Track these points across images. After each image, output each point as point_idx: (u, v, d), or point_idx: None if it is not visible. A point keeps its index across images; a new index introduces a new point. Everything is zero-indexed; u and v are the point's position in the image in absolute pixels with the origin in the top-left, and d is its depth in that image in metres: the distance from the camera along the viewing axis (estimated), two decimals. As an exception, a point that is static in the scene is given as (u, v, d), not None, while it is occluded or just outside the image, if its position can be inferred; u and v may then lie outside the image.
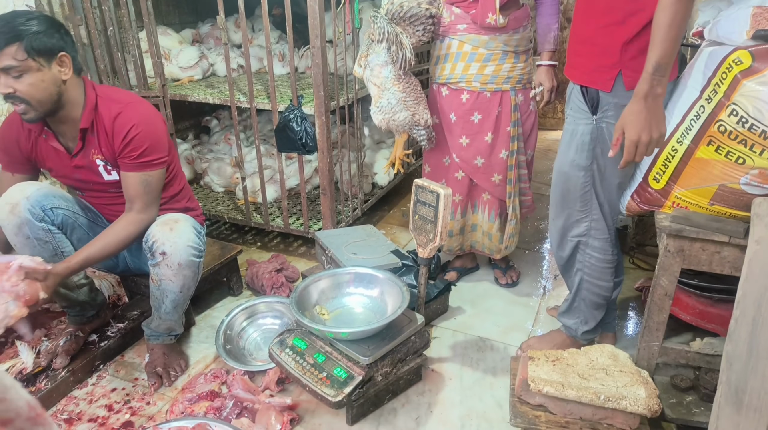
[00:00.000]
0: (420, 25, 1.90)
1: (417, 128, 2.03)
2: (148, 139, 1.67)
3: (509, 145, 2.06)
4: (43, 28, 1.50)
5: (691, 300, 1.76)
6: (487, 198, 2.18)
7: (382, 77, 1.92)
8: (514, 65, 1.98)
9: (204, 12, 3.47)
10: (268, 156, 2.99)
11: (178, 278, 1.74)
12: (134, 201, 1.72)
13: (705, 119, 1.33)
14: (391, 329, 1.69)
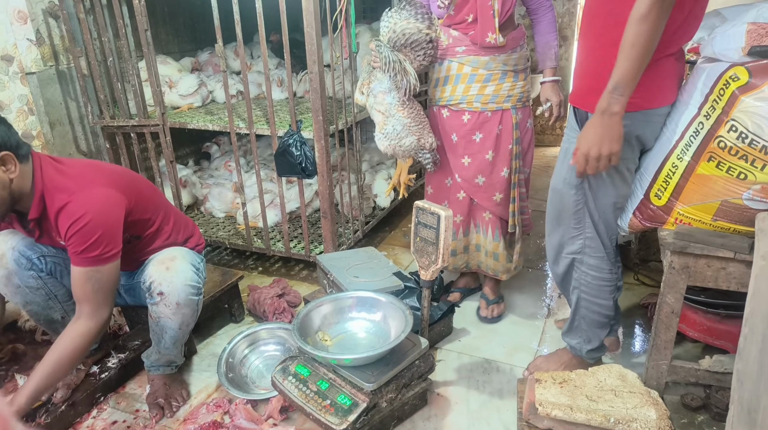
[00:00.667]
0: (420, 50, 1.91)
1: (422, 152, 2.04)
2: (97, 231, 1.49)
3: (510, 163, 2.05)
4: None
5: (698, 317, 1.74)
6: (488, 217, 2.16)
7: (386, 104, 1.92)
8: (514, 84, 1.98)
9: (203, 40, 3.52)
10: (268, 180, 2.99)
11: (176, 317, 1.72)
12: (82, 303, 1.55)
13: (704, 135, 1.33)
14: (395, 353, 1.66)
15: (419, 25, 1.88)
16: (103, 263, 1.54)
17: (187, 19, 3.45)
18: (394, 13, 1.90)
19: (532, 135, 2.16)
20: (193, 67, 3.24)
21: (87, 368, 1.90)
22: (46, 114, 2.50)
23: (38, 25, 2.42)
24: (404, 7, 1.89)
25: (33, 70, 2.43)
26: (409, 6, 1.90)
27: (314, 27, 2.10)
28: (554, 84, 2.04)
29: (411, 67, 1.88)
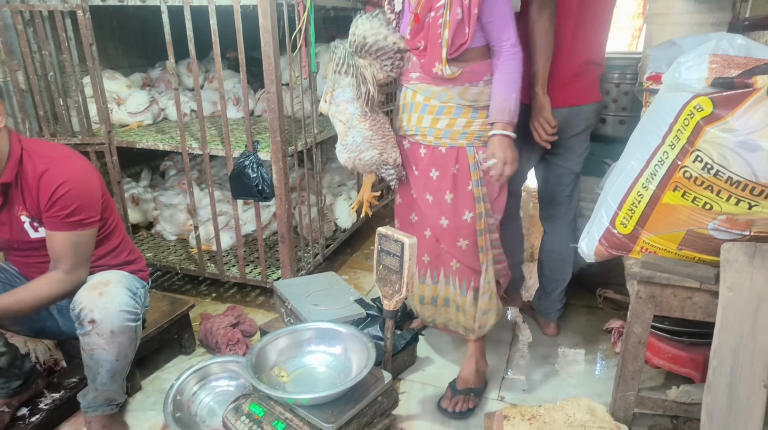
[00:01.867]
0: (387, 60, 1.75)
1: (385, 168, 1.87)
2: (78, 199, 1.54)
3: (473, 207, 1.79)
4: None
5: (662, 344, 1.73)
6: (456, 267, 1.87)
7: (348, 114, 1.78)
8: (471, 120, 1.74)
9: (155, 55, 3.37)
10: (224, 201, 2.86)
11: (112, 347, 1.57)
12: (60, 261, 1.56)
13: (669, 165, 1.32)
14: (357, 390, 1.57)
15: (387, 32, 1.74)
16: (85, 228, 1.57)
17: (138, 33, 3.30)
18: (365, 18, 1.77)
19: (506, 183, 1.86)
20: (144, 83, 3.09)
21: (13, 410, 1.72)
22: (-22, 130, 2.31)
23: (-29, 36, 2.24)
24: (377, 15, 1.78)
25: (-36, 83, 2.25)
26: (382, 15, 1.78)
27: (272, 46, 2.02)
28: (503, 139, 1.71)
29: (370, 74, 1.74)
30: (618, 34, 6.53)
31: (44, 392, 1.83)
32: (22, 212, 1.58)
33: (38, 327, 1.80)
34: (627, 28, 6.54)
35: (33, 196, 1.54)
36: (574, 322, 2.42)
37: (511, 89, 1.67)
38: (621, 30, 6.53)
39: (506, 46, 1.67)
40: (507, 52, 1.67)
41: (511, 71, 1.67)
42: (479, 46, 1.68)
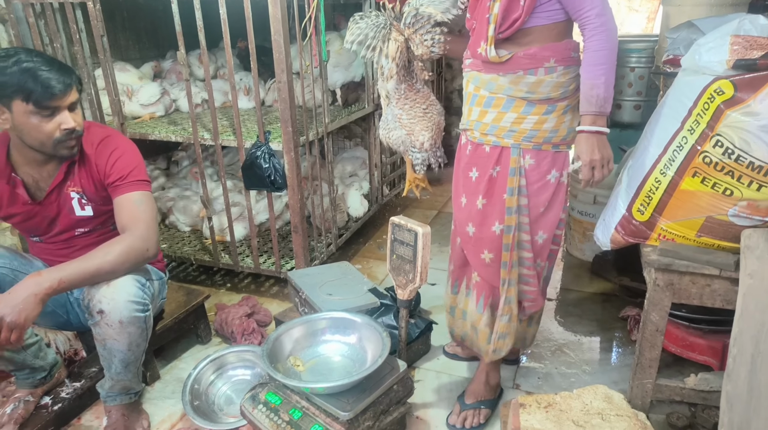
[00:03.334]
0: (427, 34, 1.55)
1: (413, 151, 1.72)
2: (135, 161, 1.66)
3: (504, 218, 1.57)
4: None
5: (680, 332, 1.71)
6: (476, 280, 1.69)
7: (387, 88, 1.67)
8: (522, 116, 1.48)
9: (165, 46, 3.37)
10: (236, 192, 2.87)
11: (122, 337, 1.58)
12: (128, 227, 1.57)
13: (688, 151, 1.29)
14: (372, 378, 1.57)
15: (425, 1, 1.54)
16: (146, 188, 1.65)
17: (149, 24, 3.30)
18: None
19: (562, 192, 1.58)
20: (155, 72, 3.09)
21: (37, 399, 1.75)
22: (-7, 124, 2.33)
23: (-16, 30, 2.25)
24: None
25: (-22, 77, 2.26)
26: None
27: (282, 35, 2.01)
28: (590, 136, 1.43)
29: (393, 49, 1.57)
30: (633, 16, 6.40)
31: (65, 381, 1.86)
32: (73, 188, 1.66)
33: (62, 320, 1.83)
34: (643, 10, 6.41)
35: (91, 166, 1.64)
36: (590, 309, 2.40)
37: (598, 72, 1.38)
38: (636, 12, 6.40)
39: (591, 18, 1.36)
40: (591, 25, 1.36)
41: (598, 49, 1.37)
42: (544, 24, 1.41)
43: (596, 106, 1.40)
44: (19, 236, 2.45)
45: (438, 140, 1.71)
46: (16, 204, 1.65)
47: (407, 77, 1.62)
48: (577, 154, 1.46)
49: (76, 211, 1.69)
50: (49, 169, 1.64)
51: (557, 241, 1.67)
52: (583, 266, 2.75)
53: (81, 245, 1.73)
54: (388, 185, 3.37)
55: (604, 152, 1.43)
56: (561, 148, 1.54)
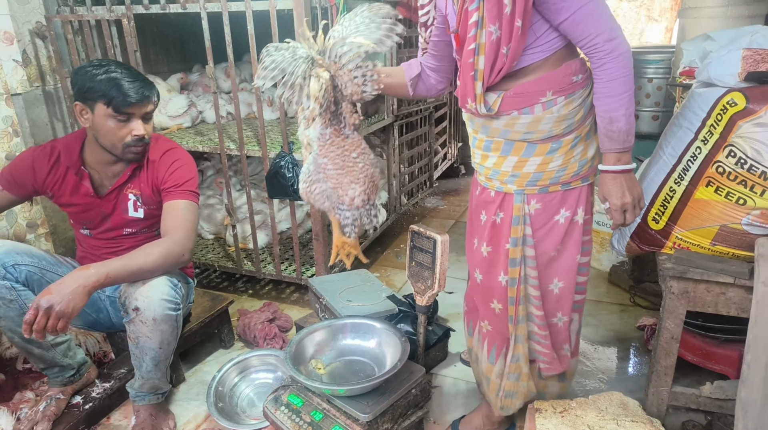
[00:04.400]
0: (357, 70, 1.24)
1: (340, 208, 1.40)
2: (191, 174, 1.80)
3: (508, 269, 1.42)
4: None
5: (696, 341, 1.72)
6: (487, 329, 1.56)
7: (308, 134, 1.37)
8: (524, 159, 1.33)
9: (192, 59, 3.49)
10: (259, 200, 2.95)
11: (155, 334, 1.66)
12: (174, 231, 1.69)
13: (702, 160, 1.32)
14: (391, 382, 1.62)
15: (362, 33, 1.26)
16: (194, 199, 1.78)
17: (177, 38, 3.43)
18: (350, 16, 1.32)
19: (573, 232, 1.39)
20: (181, 84, 3.20)
21: (67, 397, 1.83)
22: (31, 135, 2.45)
23: (25, 46, 2.38)
24: (364, 10, 1.30)
25: (19, 91, 2.38)
26: (369, 10, 1.29)
27: (306, 49, 2.08)
28: (617, 177, 1.26)
29: (317, 87, 1.24)
30: (653, 25, 6.38)
31: (96, 381, 1.93)
32: (132, 190, 1.81)
33: (92, 320, 1.91)
34: (662, 20, 6.39)
35: (153, 172, 1.79)
36: (606, 319, 2.41)
37: (616, 104, 1.19)
38: (656, 21, 6.39)
39: (599, 45, 1.16)
40: (600, 53, 1.17)
41: (612, 79, 1.18)
42: (541, 59, 1.25)
43: (619, 142, 1.23)
44: (54, 242, 2.56)
45: (372, 196, 1.41)
46: (78, 194, 1.80)
47: (333, 121, 1.33)
48: (603, 196, 1.30)
49: (129, 212, 1.82)
50: (115, 169, 1.79)
51: (582, 289, 1.49)
52: (601, 275, 2.76)
53: (126, 245, 1.84)
54: (406, 195, 3.43)
55: (634, 192, 1.26)
56: (572, 185, 1.36)
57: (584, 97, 1.27)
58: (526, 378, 1.52)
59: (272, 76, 1.23)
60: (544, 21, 1.19)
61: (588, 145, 1.32)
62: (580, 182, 1.36)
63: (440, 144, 4.06)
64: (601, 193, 1.31)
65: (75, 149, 1.76)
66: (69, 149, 1.76)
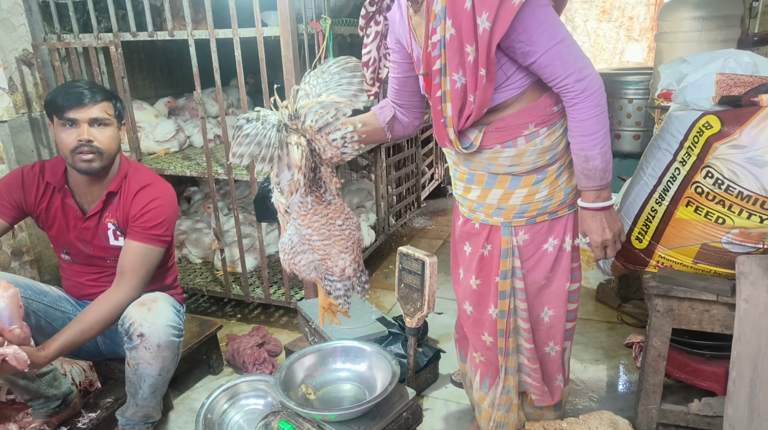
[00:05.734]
0: (336, 132, 1.16)
1: (330, 279, 1.34)
2: (165, 215, 1.75)
3: (497, 302, 1.40)
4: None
5: (683, 358, 1.73)
6: (480, 359, 1.54)
7: (287, 202, 1.28)
8: (509, 192, 1.30)
9: (179, 84, 3.52)
10: (247, 224, 2.95)
11: (157, 361, 1.65)
12: (126, 273, 1.68)
13: (681, 181, 1.36)
14: (382, 406, 1.61)
15: (335, 91, 1.19)
16: (159, 244, 1.74)
17: (164, 64, 3.45)
18: (314, 74, 1.22)
19: (562, 260, 1.38)
20: (169, 108, 3.22)
21: (52, 428, 1.79)
22: (17, 162, 2.44)
23: (11, 73, 2.38)
24: (330, 67, 1.22)
25: (5, 118, 2.38)
26: (336, 65, 1.21)
27: (293, 74, 2.11)
28: (597, 214, 1.26)
29: (298, 156, 1.14)
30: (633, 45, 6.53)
31: (81, 411, 1.90)
32: (111, 220, 1.78)
33: (77, 349, 1.88)
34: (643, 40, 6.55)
35: (127, 205, 1.75)
36: (594, 337, 2.43)
37: (590, 142, 1.18)
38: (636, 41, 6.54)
39: (569, 85, 1.15)
40: (571, 93, 1.16)
41: (584, 118, 1.17)
42: (514, 96, 1.23)
43: (596, 179, 1.21)
44: (39, 270, 2.53)
45: (360, 261, 1.35)
46: (62, 213, 1.78)
47: (313, 187, 1.23)
48: (583, 232, 1.30)
49: (110, 241, 1.80)
50: (93, 192, 1.77)
51: (572, 316, 1.48)
52: (588, 293, 2.79)
53: (109, 272, 1.81)
54: (394, 216, 3.45)
55: (614, 228, 1.26)
56: (559, 214, 1.35)
57: (566, 125, 1.26)
58: (516, 409, 1.53)
59: (249, 153, 1.12)
60: (513, 62, 1.18)
61: (573, 172, 1.31)
62: (566, 210, 1.35)
63: (427, 165, 4.10)
64: (581, 229, 1.31)
65: (60, 169, 1.76)
66: (54, 169, 1.76)
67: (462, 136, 1.28)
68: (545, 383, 1.50)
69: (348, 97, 1.17)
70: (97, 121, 1.65)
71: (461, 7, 1.10)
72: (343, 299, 1.37)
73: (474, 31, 1.10)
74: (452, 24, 1.12)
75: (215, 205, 2.50)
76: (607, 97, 1.20)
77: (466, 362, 1.63)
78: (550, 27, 1.11)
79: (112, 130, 1.69)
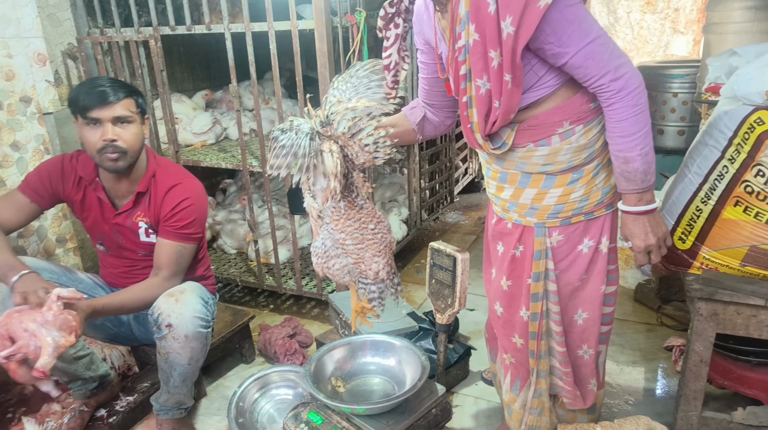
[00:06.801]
0: (368, 137, 1.16)
1: (364, 282, 1.36)
2: (195, 214, 1.77)
3: (529, 304, 1.37)
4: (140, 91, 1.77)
5: (727, 364, 1.66)
6: (510, 361, 1.51)
7: (320, 208, 1.29)
8: (543, 192, 1.26)
9: (217, 77, 3.57)
10: (281, 216, 2.98)
11: (185, 351, 1.68)
12: (162, 268, 1.75)
13: (730, 179, 1.30)
14: (411, 401, 1.60)
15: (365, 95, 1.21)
16: (191, 242, 1.78)
17: (202, 57, 3.51)
18: (341, 80, 1.25)
19: (598, 261, 1.32)
20: (206, 101, 3.27)
21: (91, 409, 1.85)
22: (62, 152, 2.52)
23: (57, 67, 2.46)
24: (357, 71, 1.25)
25: (50, 110, 2.46)
26: (363, 70, 1.22)
27: (328, 68, 2.11)
28: (639, 218, 1.20)
29: (332, 163, 1.14)
30: (678, 38, 6.30)
31: (119, 395, 1.96)
32: (142, 218, 1.80)
33: (113, 333, 1.94)
34: (688, 32, 6.30)
35: (157, 205, 1.77)
36: (632, 339, 2.36)
37: (629, 143, 1.13)
38: (682, 34, 6.30)
39: (604, 85, 1.10)
40: (608, 92, 1.11)
41: (621, 119, 1.12)
42: (546, 95, 1.19)
43: (637, 182, 1.16)
44: (81, 257, 2.62)
45: (392, 263, 1.37)
46: (98, 210, 1.82)
47: (346, 192, 1.24)
48: (625, 236, 1.24)
49: (141, 237, 1.83)
50: (122, 188, 1.79)
51: (608, 320, 1.42)
52: (626, 293, 2.71)
53: (142, 265, 1.87)
54: (426, 210, 3.42)
55: (659, 232, 1.20)
56: (596, 214, 1.28)
57: (603, 122, 1.20)
58: (548, 412, 1.49)
59: (286, 164, 1.13)
60: (544, 62, 1.13)
61: (611, 171, 1.25)
62: (604, 210, 1.29)
63: (461, 159, 4.05)
64: (622, 233, 1.26)
65: (90, 163, 1.78)
66: (86, 163, 1.79)
67: (494, 134, 1.24)
68: (577, 386, 1.45)
69: (378, 101, 1.16)
70: (121, 119, 1.65)
71: (485, 12, 1.07)
72: (377, 301, 1.38)
73: (498, 35, 1.07)
74: (475, 29, 1.09)
75: (250, 197, 2.54)
76: (651, 91, 1.15)
77: (497, 362, 1.62)
78: (581, 26, 1.06)
79: (136, 126, 1.70)
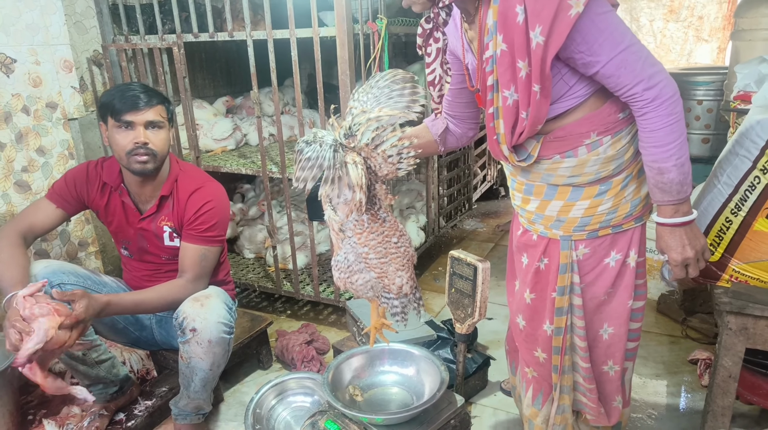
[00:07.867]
0: (392, 148, 1.13)
1: (387, 297, 1.32)
2: (218, 217, 1.80)
3: (554, 319, 1.33)
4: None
5: (756, 380, 1.61)
6: (532, 375, 1.47)
7: (341, 221, 1.26)
8: (570, 204, 1.24)
9: (238, 83, 3.60)
10: (299, 222, 2.99)
11: (208, 356, 1.69)
12: (187, 271, 1.77)
13: (762, 190, 1.26)
14: (429, 412, 1.58)
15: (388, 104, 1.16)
16: (215, 244, 1.80)
17: (223, 64, 3.54)
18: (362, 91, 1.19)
19: (625, 275, 1.29)
20: (227, 107, 3.30)
21: (110, 413, 1.87)
22: (85, 157, 2.56)
23: (82, 73, 2.50)
24: (378, 81, 1.18)
25: (75, 116, 2.51)
26: (384, 79, 1.17)
27: (349, 75, 2.11)
28: (676, 230, 1.16)
29: (356, 175, 1.10)
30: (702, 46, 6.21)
31: (138, 399, 1.97)
32: (166, 222, 1.83)
33: (134, 337, 1.96)
34: (713, 40, 6.21)
35: (180, 209, 1.80)
36: (655, 351, 2.30)
37: (664, 155, 1.09)
38: (706, 42, 6.21)
39: (637, 94, 1.07)
40: (641, 101, 1.08)
41: (655, 129, 1.08)
42: (575, 106, 1.16)
43: (672, 193, 1.12)
44: (102, 260, 2.65)
45: (414, 277, 1.33)
46: (122, 215, 1.84)
47: (369, 205, 1.20)
48: (661, 249, 1.20)
49: (166, 241, 1.85)
50: (146, 192, 1.82)
51: (635, 336, 1.38)
52: (648, 304, 2.63)
53: (166, 269, 1.89)
54: (444, 217, 3.40)
55: (697, 245, 1.15)
56: (624, 227, 1.25)
57: (633, 132, 1.18)
58: (571, 429, 1.46)
59: (312, 176, 1.11)
60: (574, 72, 1.11)
61: (641, 183, 1.23)
62: (633, 223, 1.26)
63: (479, 166, 4.03)
64: (658, 245, 1.21)
65: (115, 169, 1.81)
66: (111, 168, 1.82)
67: (519, 146, 1.22)
68: (602, 403, 1.41)
69: (401, 110, 1.13)
70: (152, 124, 1.69)
71: (513, 21, 1.05)
72: (400, 316, 1.34)
73: (527, 45, 1.05)
74: (503, 39, 1.08)
75: (269, 202, 2.55)
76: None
77: (516, 375, 1.58)
78: (613, 35, 1.04)
79: (165, 132, 1.74)
